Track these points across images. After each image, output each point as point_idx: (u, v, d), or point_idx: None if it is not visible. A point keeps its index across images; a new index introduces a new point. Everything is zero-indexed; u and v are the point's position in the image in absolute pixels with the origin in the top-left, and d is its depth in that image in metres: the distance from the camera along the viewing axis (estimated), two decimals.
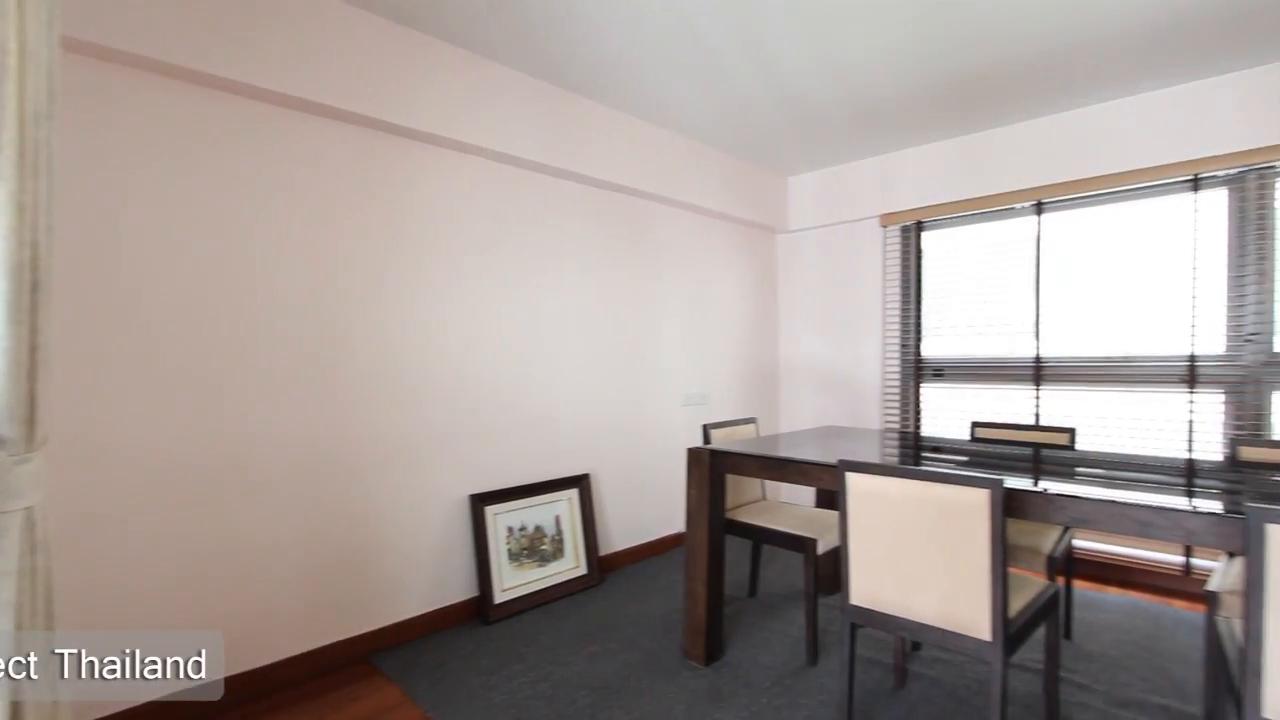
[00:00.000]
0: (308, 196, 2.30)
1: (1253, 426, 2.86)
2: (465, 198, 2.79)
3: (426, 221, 2.65)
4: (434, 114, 2.55)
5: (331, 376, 2.36)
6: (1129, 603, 2.93)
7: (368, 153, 2.46)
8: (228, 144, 2.12)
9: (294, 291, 2.27)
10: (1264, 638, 1.20)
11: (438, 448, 2.67)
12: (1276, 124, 2.74)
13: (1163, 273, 3.09)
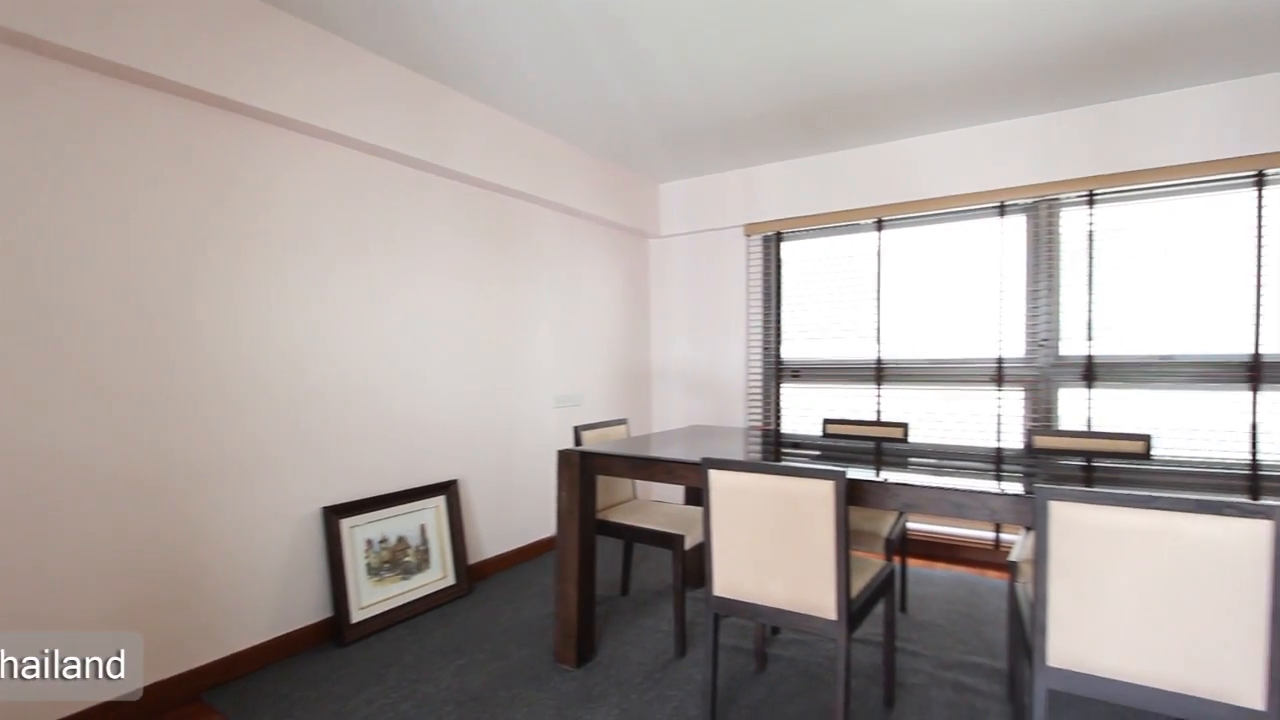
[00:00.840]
0: (122, 177, 2.02)
1: (1045, 418, 3.36)
2: (321, 187, 2.59)
3: (276, 211, 2.42)
4: (284, 94, 2.33)
5: (156, 381, 2.09)
6: (953, 576, 3.32)
7: (200, 130, 2.21)
8: (18, 109, 1.81)
9: (107, 285, 1.98)
10: (1048, 599, 1.41)
11: (284, 458, 2.45)
12: (1060, 163, 3.24)
13: (976, 285, 3.54)
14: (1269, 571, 1.20)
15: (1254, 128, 2.87)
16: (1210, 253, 3.03)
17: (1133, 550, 1.31)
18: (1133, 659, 1.35)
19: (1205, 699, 1.30)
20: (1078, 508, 1.35)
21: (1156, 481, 1.90)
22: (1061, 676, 1.43)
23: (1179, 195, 3.09)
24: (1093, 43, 2.56)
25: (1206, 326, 3.04)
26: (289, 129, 2.47)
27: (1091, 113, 3.19)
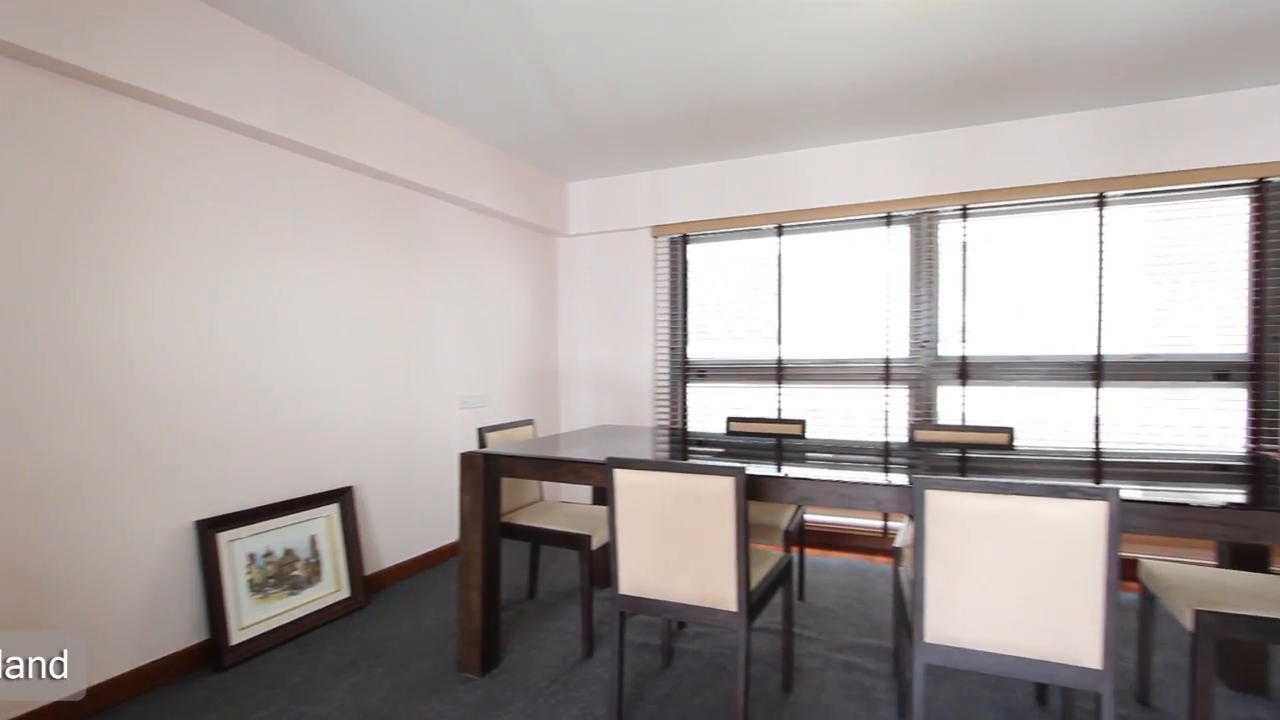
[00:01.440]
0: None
1: (926, 413, 3.64)
2: (206, 175, 2.38)
3: (155, 200, 2.20)
4: (166, 74, 2.13)
5: (9, 383, 1.83)
6: (846, 563, 3.52)
7: (67, 111, 1.96)
8: None
9: None
10: (925, 581, 1.52)
11: (149, 468, 2.22)
12: (939, 179, 3.52)
13: (867, 290, 3.78)
14: (1105, 546, 1.36)
15: (1098, 155, 3.25)
16: (1062, 264, 3.40)
17: (995, 532, 1.45)
18: (997, 631, 1.48)
19: (1057, 663, 1.45)
20: (950, 495, 1.47)
21: (1018, 469, 2.10)
22: (938, 651, 1.55)
23: (1038, 211, 3.44)
24: (967, 71, 2.80)
25: (1059, 330, 3.40)
26: (170, 111, 2.26)
27: (966, 133, 3.48)
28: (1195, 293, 3.19)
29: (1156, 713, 2.05)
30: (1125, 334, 3.29)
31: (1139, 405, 3.28)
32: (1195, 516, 1.46)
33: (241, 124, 2.42)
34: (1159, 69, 2.80)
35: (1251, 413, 3.10)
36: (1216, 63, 2.75)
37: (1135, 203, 3.27)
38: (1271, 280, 3.06)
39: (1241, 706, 2.08)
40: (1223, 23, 2.42)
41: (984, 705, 2.08)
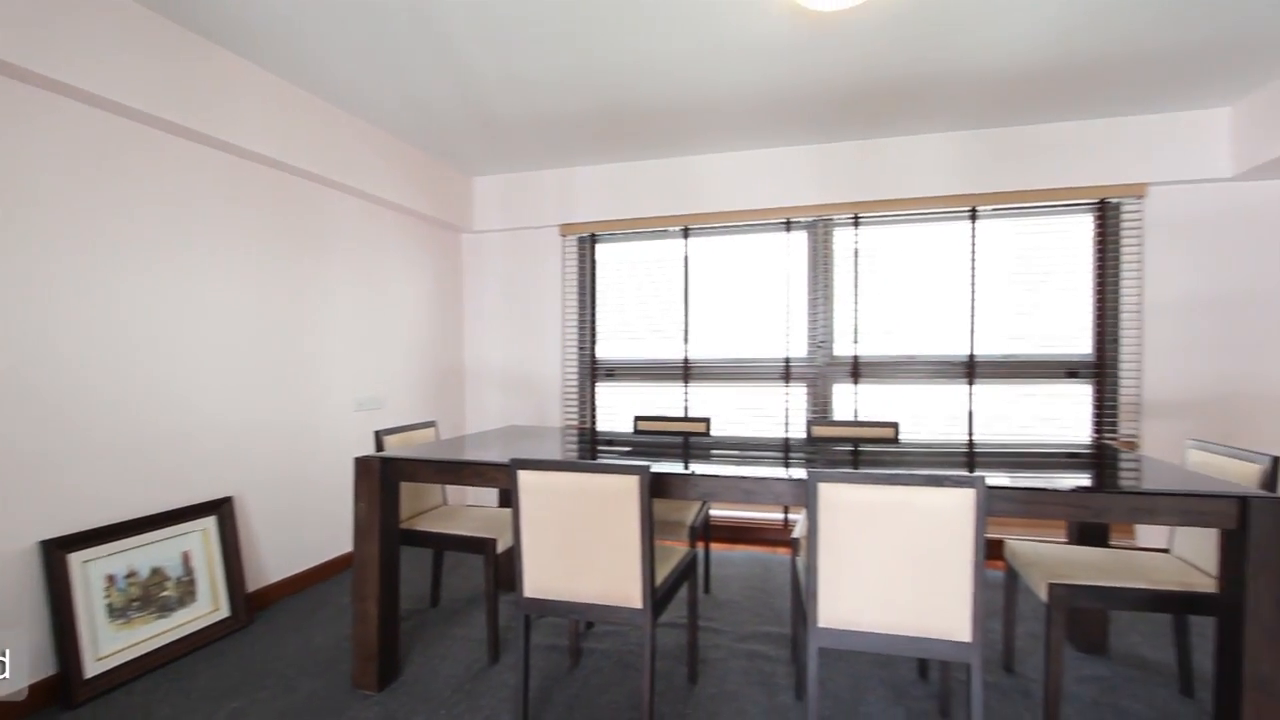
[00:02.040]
0: None
1: (823, 410, 3.84)
2: (51, 152, 2.11)
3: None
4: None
5: None
6: (750, 556, 3.65)
7: None
8: None
9: None
10: (818, 569, 1.60)
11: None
12: (833, 188, 3.73)
13: (768, 292, 3.93)
14: (973, 529, 1.49)
15: (970, 172, 3.55)
16: (941, 271, 3.69)
17: (880, 521, 1.55)
18: (882, 613, 1.59)
19: (934, 639, 1.57)
20: (840, 488, 1.56)
21: (902, 461, 2.26)
22: (830, 635, 1.64)
23: (920, 222, 3.72)
24: (858, 89, 2.97)
25: (938, 332, 3.69)
26: (5, 76, 1.98)
27: (858, 147, 3.70)
28: (1051, 299, 3.56)
29: (1020, 678, 2.26)
30: (994, 336, 3.62)
31: (1005, 400, 3.62)
32: (1049, 500, 1.63)
33: (96, 95, 2.17)
34: (1021, 98, 3.10)
35: (1095, 406, 3.50)
36: (1068, 96, 3.08)
37: (1002, 217, 3.61)
38: (1111, 288, 3.46)
39: (1087, 666, 2.34)
40: (1074, 62, 2.72)
41: (873, 683, 2.22)
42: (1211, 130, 3.30)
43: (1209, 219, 3.35)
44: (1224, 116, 3.28)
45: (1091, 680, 2.24)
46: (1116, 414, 3.46)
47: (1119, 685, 2.21)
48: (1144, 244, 3.42)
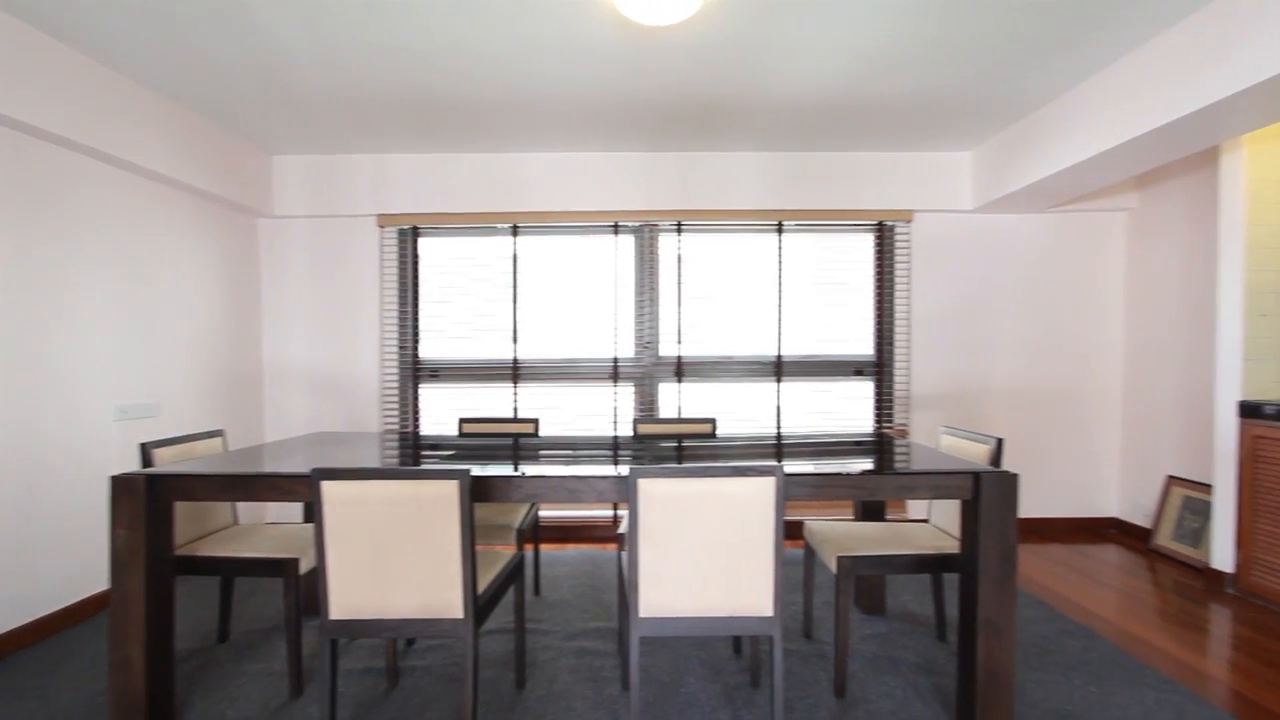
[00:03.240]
0: None
1: (649, 408, 3.99)
2: None
3: None
4: None
5: None
6: (582, 554, 3.68)
7: None
8: None
9: None
10: (639, 561, 1.66)
11: None
12: (659, 195, 3.90)
13: (597, 293, 4.01)
14: (774, 514, 1.64)
15: (777, 189, 3.92)
16: (753, 278, 4.02)
17: (695, 511, 1.65)
18: (698, 597, 1.69)
19: (743, 616, 1.71)
20: (657, 482, 1.63)
21: (719, 455, 2.42)
22: (651, 624, 1.70)
23: (736, 232, 4.02)
24: (678, 102, 3.13)
25: (751, 334, 4.02)
26: None
27: (680, 157, 3.91)
28: (843, 306, 4.04)
29: (817, 643, 2.53)
30: (798, 338, 4.03)
31: (806, 396, 4.04)
32: (835, 483, 1.84)
33: None
34: (817, 128, 3.48)
35: (876, 400, 4.04)
36: (854, 131, 3.52)
37: (804, 232, 4.03)
38: (888, 298, 4.02)
39: (870, 625, 2.69)
40: (857, 104, 3.11)
41: (694, 664, 2.36)
42: (958, 170, 3.97)
43: (957, 242, 4.04)
44: (966, 159, 3.98)
45: (873, 637, 2.58)
46: (892, 406, 4.03)
47: (894, 638, 2.57)
48: (912, 261, 4.03)
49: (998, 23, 2.43)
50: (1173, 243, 3.70)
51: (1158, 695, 2.12)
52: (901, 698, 2.12)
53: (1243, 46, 2.19)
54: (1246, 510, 2.95)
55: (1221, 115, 2.44)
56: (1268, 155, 3.00)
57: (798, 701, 2.10)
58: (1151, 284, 3.84)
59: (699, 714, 2.02)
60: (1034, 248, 4.05)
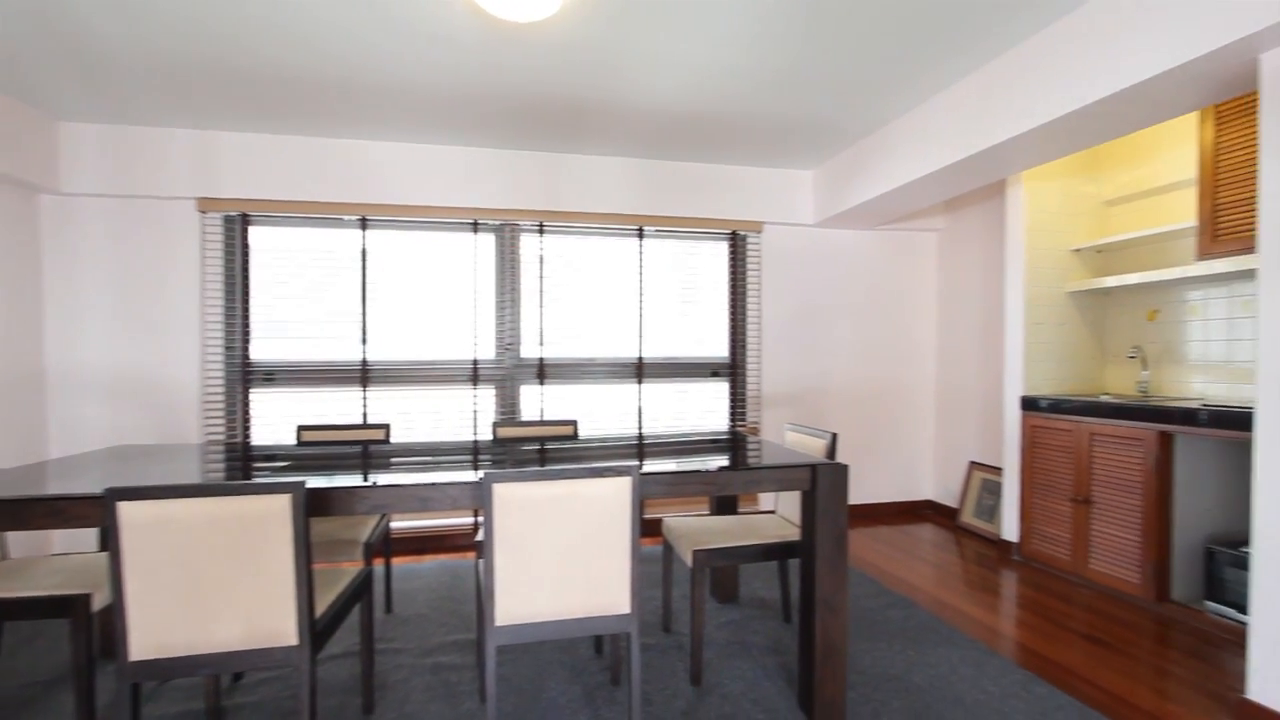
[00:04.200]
0: None
1: (511, 411, 3.91)
2: None
3: None
4: None
5: None
6: (440, 565, 3.52)
7: None
8: None
9: None
10: (495, 568, 1.62)
11: None
12: (521, 194, 3.84)
13: (456, 292, 3.86)
14: (630, 513, 1.68)
15: (638, 195, 4.01)
16: (617, 280, 4.08)
17: (552, 514, 1.64)
18: (556, 601, 1.67)
19: (601, 616, 1.72)
20: (513, 486, 1.60)
21: (580, 456, 2.42)
22: (507, 632, 1.66)
23: (599, 235, 4.05)
24: (541, 101, 3.10)
25: (614, 335, 4.07)
26: None
27: (544, 157, 3.88)
28: (701, 310, 4.23)
29: (676, 635, 2.62)
30: (658, 340, 4.15)
31: (667, 396, 4.18)
32: (688, 480, 1.92)
33: None
34: (676, 139, 3.61)
35: (731, 399, 4.27)
36: (709, 144, 3.70)
37: (664, 237, 4.16)
38: (741, 303, 4.27)
39: (724, 613, 2.83)
40: (710, 119, 3.27)
41: (556, 668, 2.34)
42: (801, 186, 4.31)
43: (801, 253, 4.38)
44: (809, 178, 4.33)
45: (727, 625, 2.71)
46: (745, 405, 4.28)
47: (746, 624, 2.72)
48: (762, 269, 4.30)
49: (838, 57, 2.67)
50: (972, 260, 4.28)
51: (962, 653, 2.44)
52: (752, 679, 2.26)
53: (1018, 98, 2.59)
54: (1027, 488, 3.49)
55: (1004, 155, 2.87)
56: (1041, 191, 3.58)
57: (656, 694, 2.16)
58: (956, 295, 4.42)
59: (559, 717, 2.01)
60: (865, 261, 4.50)
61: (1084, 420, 3.15)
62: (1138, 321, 3.48)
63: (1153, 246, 3.40)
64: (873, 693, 2.17)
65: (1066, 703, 2.10)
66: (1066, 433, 3.25)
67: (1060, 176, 3.60)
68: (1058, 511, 3.31)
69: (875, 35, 2.52)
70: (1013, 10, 2.34)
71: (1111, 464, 3.03)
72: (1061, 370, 3.61)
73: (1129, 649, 2.50)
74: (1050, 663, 2.39)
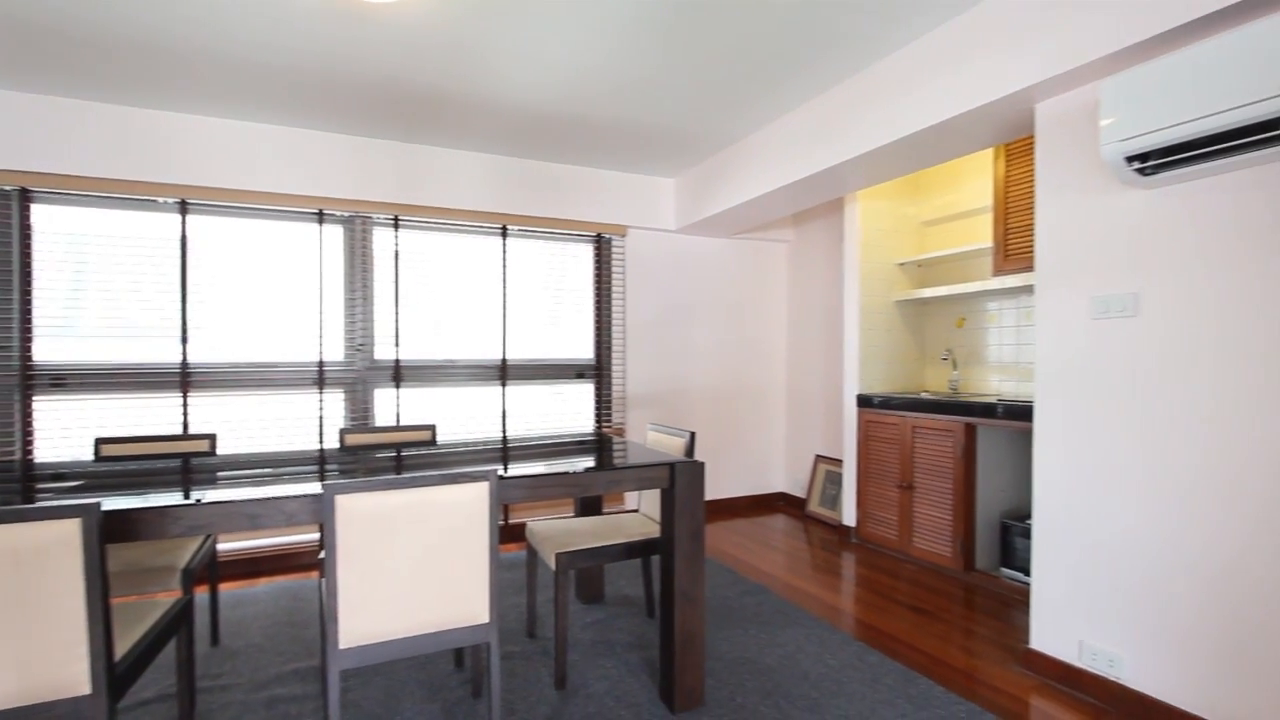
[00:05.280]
0: None
1: (363, 417, 3.65)
2: None
3: None
4: None
5: None
6: (278, 587, 3.19)
7: None
8: None
9: None
10: (338, 587, 1.50)
11: None
12: (373, 185, 3.60)
13: (297, 288, 3.53)
14: (488, 519, 1.63)
15: (502, 193, 3.92)
16: (479, 280, 3.96)
17: (403, 524, 1.54)
18: (409, 616, 1.58)
19: (459, 628, 1.65)
20: (360, 497, 1.49)
21: (440, 462, 2.31)
22: (353, 655, 1.54)
23: (460, 233, 3.91)
24: (394, 85, 2.93)
25: (476, 337, 3.94)
26: None
27: (400, 148, 3.66)
28: (567, 311, 4.22)
29: (540, 640, 2.58)
30: (523, 341, 4.08)
31: (532, 398, 4.12)
32: (549, 483, 1.90)
33: None
34: (540, 138, 3.58)
35: (597, 401, 4.30)
36: (574, 146, 3.70)
37: (529, 237, 4.10)
38: (606, 305, 4.32)
39: (590, 614, 2.84)
40: (575, 120, 3.27)
41: (412, 686, 2.21)
42: (664, 193, 4.45)
43: (664, 258, 4.52)
44: (671, 185, 4.48)
45: (593, 625, 2.72)
46: (610, 406, 4.33)
47: (611, 622, 2.75)
48: (626, 273, 4.38)
49: (694, 73, 2.79)
50: (817, 270, 4.66)
51: (808, 632, 2.64)
52: (616, 676, 2.28)
53: (851, 126, 2.86)
54: (863, 477, 3.86)
55: (841, 175, 3.15)
56: (873, 210, 3.98)
57: (519, 702, 2.11)
58: (804, 302, 4.79)
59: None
60: (723, 268, 4.74)
61: (907, 415, 3.54)
62: (949, 328, 3.98)
63: (960, 263, 3.90)
64: (729, 677, 2.28)
65: (894, 668, 2.34)
66: (894, 426, 3.64)
67: (889, 197, 4.03)
68: (888, 497, 3.69)
69: (727, 54, 2.66)
70: (839, 48, 2.58)
71: (929, 453, 3.43)
72: (890, 371, 4.04)
73: (943, 615, 2.84)
74: (881, 633, 2.66)
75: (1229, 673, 1.81)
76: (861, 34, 2.50)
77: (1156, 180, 1.90)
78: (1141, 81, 1.80)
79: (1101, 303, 2.10)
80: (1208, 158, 1.74)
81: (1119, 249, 2.06)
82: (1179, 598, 1.91)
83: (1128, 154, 1.86)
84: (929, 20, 2.41)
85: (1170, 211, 1.93)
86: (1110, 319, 2.08)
